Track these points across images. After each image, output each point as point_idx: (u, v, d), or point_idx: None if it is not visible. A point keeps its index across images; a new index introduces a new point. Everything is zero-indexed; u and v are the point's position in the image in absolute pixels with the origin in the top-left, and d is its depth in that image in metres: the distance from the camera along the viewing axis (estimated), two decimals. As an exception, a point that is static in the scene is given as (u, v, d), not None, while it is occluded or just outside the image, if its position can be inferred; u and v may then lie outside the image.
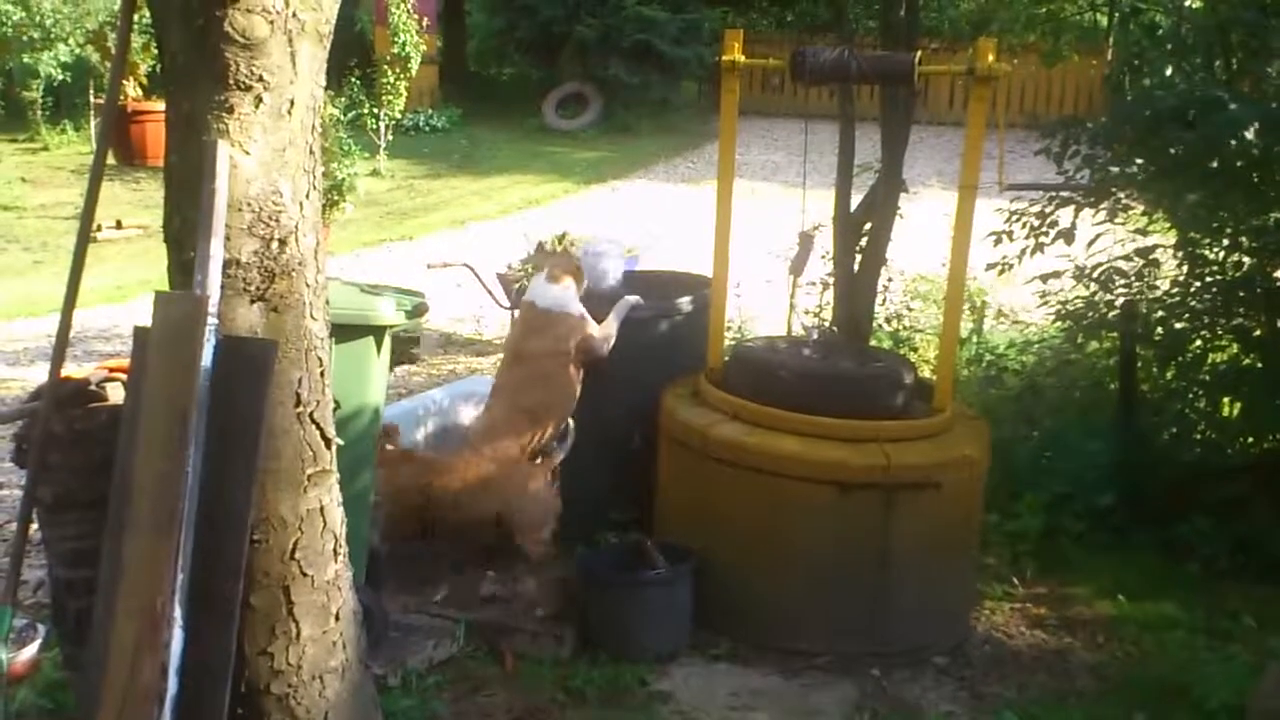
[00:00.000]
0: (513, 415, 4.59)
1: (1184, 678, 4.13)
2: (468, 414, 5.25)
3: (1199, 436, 5.54)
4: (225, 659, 2.81)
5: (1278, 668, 3.82)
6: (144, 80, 14.02)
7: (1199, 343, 5.49)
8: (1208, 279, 5.40)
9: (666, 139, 18.15)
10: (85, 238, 3.28)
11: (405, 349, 4.73)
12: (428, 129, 17.81)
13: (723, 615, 4.33)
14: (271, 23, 2.71)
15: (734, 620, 4.34)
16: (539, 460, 4.68)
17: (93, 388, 3.35)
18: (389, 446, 4.53)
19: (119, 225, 11.34)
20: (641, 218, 12.42)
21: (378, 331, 3.96)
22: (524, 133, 18.52)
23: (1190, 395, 5.58)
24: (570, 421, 4.76)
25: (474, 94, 20.62)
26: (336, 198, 10.01)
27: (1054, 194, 5.54)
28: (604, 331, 4.73)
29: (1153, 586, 4.87)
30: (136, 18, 3.48)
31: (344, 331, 3.67)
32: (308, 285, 2.93)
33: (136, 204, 12.48)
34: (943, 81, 16.60)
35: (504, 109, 19.82)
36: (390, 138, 15.19)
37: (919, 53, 4.61)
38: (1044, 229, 5.52)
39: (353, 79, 14.36)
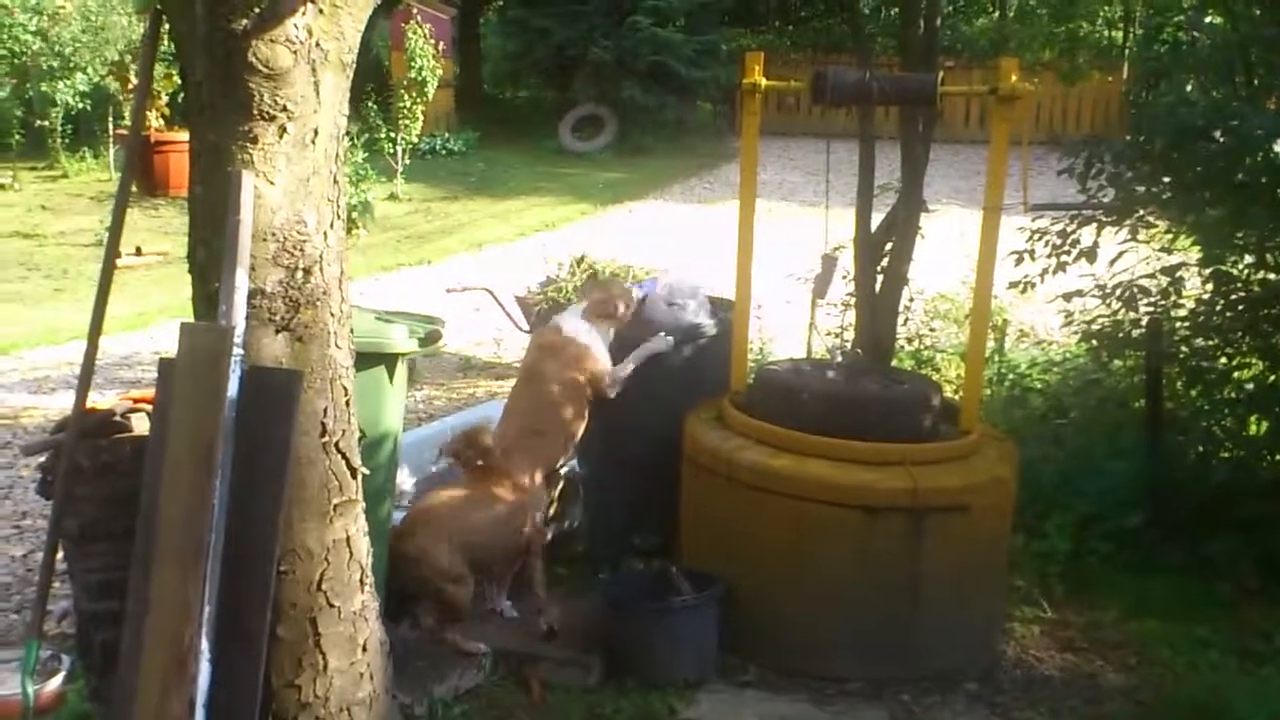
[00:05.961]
0: (523, 437, 4.56)
1: (1218, 700, 4.06)
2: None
3: (1226, 455, 5.46)
4: (253, 692, 2.80)
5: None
6: (165, 111, 14.08)
7: (1225, 360, 5.44)
8: (1233, 296, 5.35)
9: (682, 160, 18.20)
10: (109, 270, 3.28)
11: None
12: (444, 152, 17.88)
13: (751, 641, 4.29)
14: (295, 52, 2.72)
15: (762, 646, 4.30)
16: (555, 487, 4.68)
17: (118, 419, 3.35)
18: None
19: (139, 252, 11.38)
20: (659, 239, 12.43)
21: (390, 359, 3.94)
22: (540, 155, 18.60)
23: (1217, 413, 5.52)
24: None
25: (490, 117, 20.73)
26: (351, 223, 10.03)
27: (1077, 212, 5.50)
28: (617, 374, 4.71)
29: (1183, 607, 4.80)
30: (159, 47, 3.49)
31: (358, 360, 3.65)
32: (332, 314, 2.93)
33: (156, 230, 12.55)
34: (958, 99, 16.59)
35: (520, 132, 19.92)
36: (407, 161, 15.27)
37: (941, 73, 4.59)
38: (1066, 247, 5.48)
39: (369, 103, 14.45)
